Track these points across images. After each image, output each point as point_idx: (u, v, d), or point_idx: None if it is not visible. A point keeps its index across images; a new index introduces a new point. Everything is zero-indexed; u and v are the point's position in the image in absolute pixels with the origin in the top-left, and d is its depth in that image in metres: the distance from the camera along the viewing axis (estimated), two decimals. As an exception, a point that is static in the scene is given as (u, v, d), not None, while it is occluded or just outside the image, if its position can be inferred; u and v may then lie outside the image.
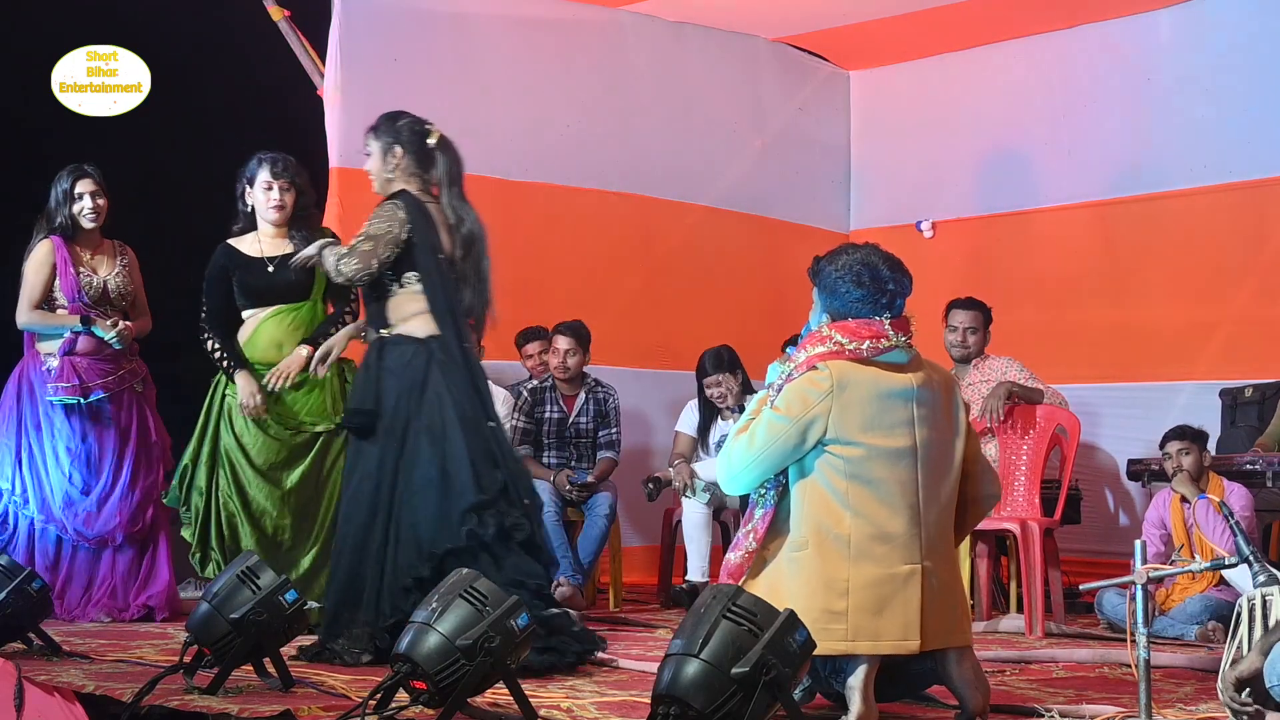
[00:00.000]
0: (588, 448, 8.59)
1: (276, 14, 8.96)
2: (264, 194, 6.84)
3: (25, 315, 7.31)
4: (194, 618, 5.01)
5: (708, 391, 8.53)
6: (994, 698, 4.62)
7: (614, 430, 8.62)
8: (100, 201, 7.33)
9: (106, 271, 7.41)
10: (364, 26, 9.13)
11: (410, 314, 5.80)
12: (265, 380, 6.71)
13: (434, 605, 4.30)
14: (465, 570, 4.47)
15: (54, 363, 7.26)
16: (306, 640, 5.78)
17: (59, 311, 7.31)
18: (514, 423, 8.51)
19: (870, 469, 4.43)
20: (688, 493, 8.34)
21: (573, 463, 8.53)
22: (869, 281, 4.56)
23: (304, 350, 6.71)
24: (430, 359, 5.71)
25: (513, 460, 5.77)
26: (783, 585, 4.40)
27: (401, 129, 5.99)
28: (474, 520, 5.52)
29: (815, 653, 3.95)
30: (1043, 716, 4.59)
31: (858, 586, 4.37)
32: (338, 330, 6.72)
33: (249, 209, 6.91)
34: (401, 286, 5.82)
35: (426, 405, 5.65)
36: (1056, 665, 5.91)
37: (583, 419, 8.57)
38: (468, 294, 5.90)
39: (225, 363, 6.79)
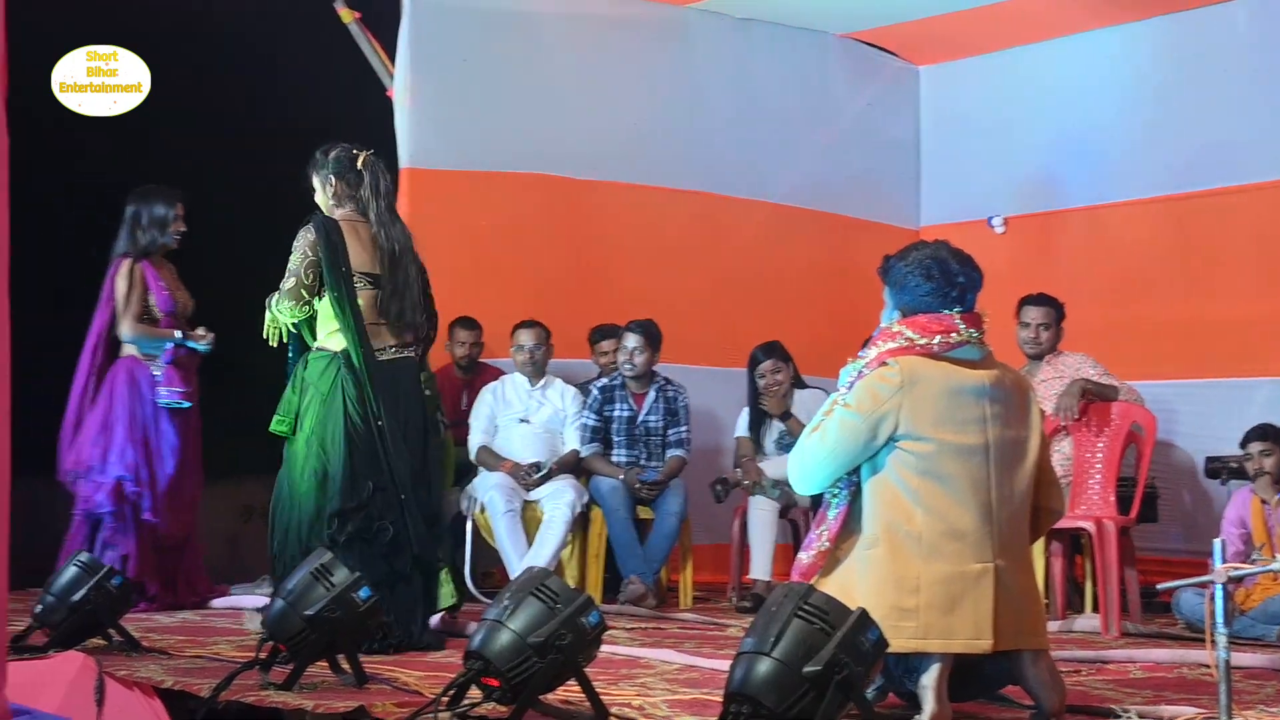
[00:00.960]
0: (657, 446, 8.59)
1: (347, 16, 9.03)
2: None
3: (131, 328, 7.70)
4: (270, 615, 5.05)
5: (760, 381, 8.53)
6: (1070, 698, 4.59)
7: (683, 428, 8.61)
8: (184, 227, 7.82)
9: (176, 288, 7.90)
10: (433, 27, 9.18)
11: (331, 328, 6.31)
12: None
13: (506, 603, 4.31)
14: (536, 568, 4.51)
15: (159, 370, 7.70)
16: None
17: (154, 324, 7.76)
18: (583, 421, 8.52)
19: (941, 465, 4.41)
20: (756, 491, 8.33)
21: (642, 461, 8.53)
22: (938, 275, 4.55)
23: None
24: (338, 372, 6.25)
25: (399, 457, 6.25)
26: (854, 583, 4.39)
27: (333, 159, 6.48)
28: (335, 526, 6.10)
29: (886, 650, 3.94)
30: (1120, 717, 4.55)
31: (929, 584, 4.35)
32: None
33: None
34: (320, 300, 6.33)
35: (328, 415, 6.23)
36: (1134, 665, 5.86)
37: (652, 417, 8.57)
38: (394, 305, 6.37)
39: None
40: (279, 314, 6.35)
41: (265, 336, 6.51)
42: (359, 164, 6.45)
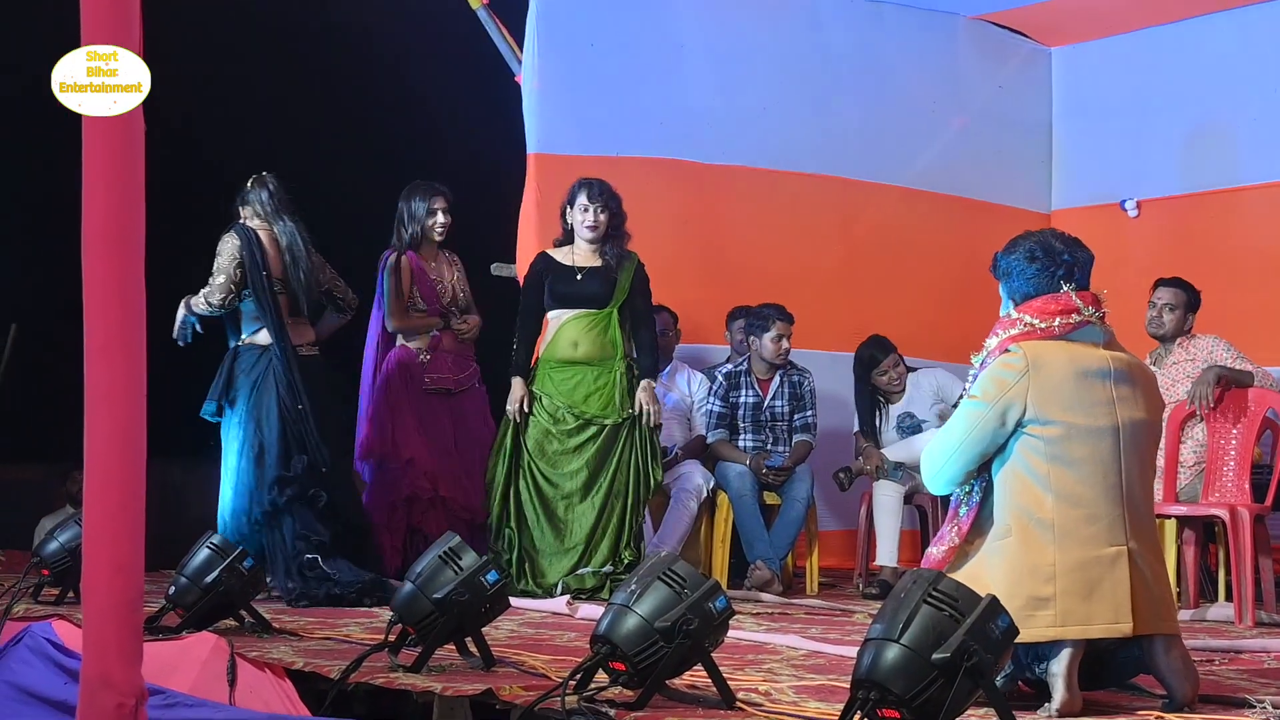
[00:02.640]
0: (784, 431, 8.56)
1: (475, 2, 9.08)
2: (581, 214, 7.60)
3: (397, 320, 8.13)
4: (399, 597, 5.09)
5: (881, 378, 8.48)
6: (1203, 687, 4.52)
7: (809, 413, 8.58)
8: (448, 218, 8.14)
9: (450, 278, 8.23)
10: (561, 12, 9.21)
11: (256, 325, 7.34)
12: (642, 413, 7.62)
13: (633, 587, 4.32)
14: (664, 553, 4.52)
15: (426, 358, 8.12)
16: None
17: (419, 314, 8.15)
18: (709, 407, 8.51)
19: (1071, 449, 4.37)
20: (880, 475, 8.29)
21: (769, 446, 8.51)
22: (1041, 255, 4.54)
23: (650, 384, 7.66)
24: (269, 364, 7.29)
25: (318, 439, 7.28)
26: (985, 573, 4.35)
27: (242, 195, 7.46)
28: (275, 490, 7.17)
29: (1023, 640, 3.91)
30: (1254, 707, 4.48)
31: (1064, 570, 4.31)
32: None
33: (569, 226, 7.68)
34: (242, 300, 7.32)
35: (262, 398, 7.26)
36: (1268, 655, 5.75)
37: (778, 402, 8.55)
38: (304, 301, 7.43)
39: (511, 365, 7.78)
40: (204, 310, 7.31)
41: (174, 336, 7.38)
42: (250, 184, 7.45)
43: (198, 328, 7.42)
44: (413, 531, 7.93)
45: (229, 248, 7.27)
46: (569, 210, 7.68)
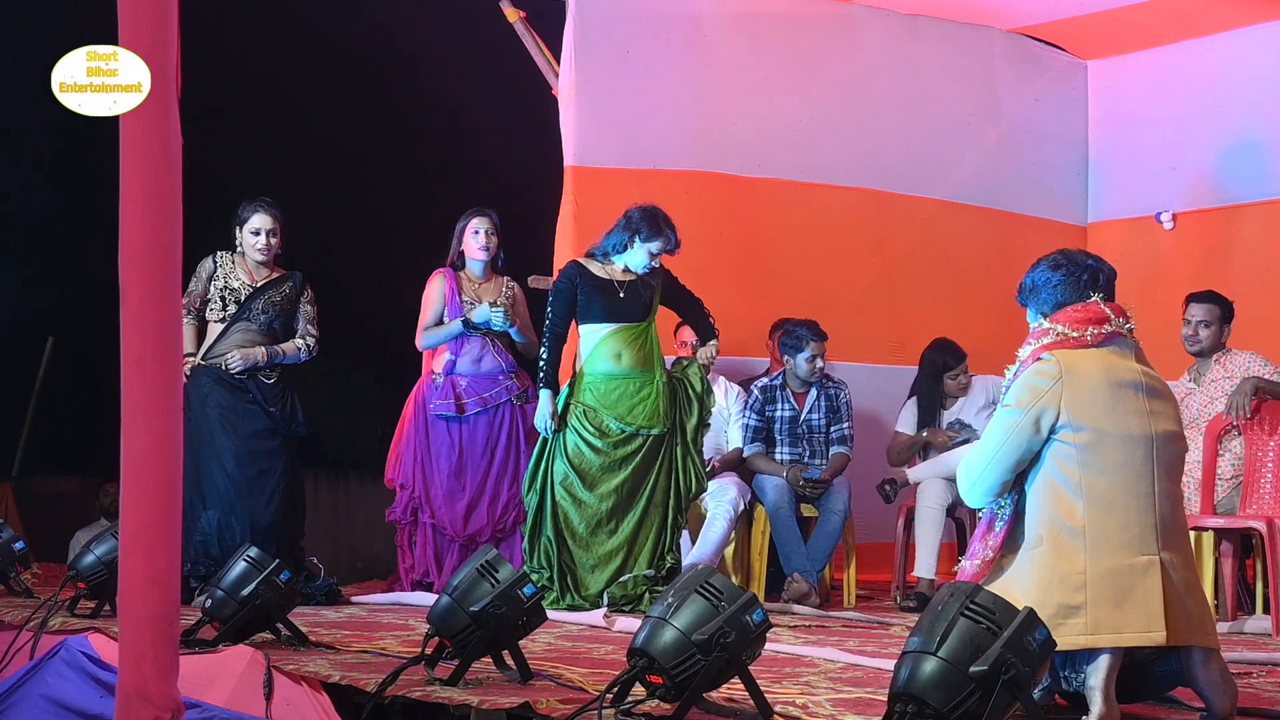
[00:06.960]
0: (820, 443, 8.55)
1: (512, 15, 9.10)
2: (647, 256, 7.51)
3: (420, 338, 8.24)
4: (435, 610, 5.09)
5: (953, 381, 8.46)
6: (1241, 700, 4.50)
7: (846, 425, 8.56)
8: (494, 240, 8.16)
9: (490, 299, 8.14)
10: (598, 25, 9.22)
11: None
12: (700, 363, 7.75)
13: (670, 600, 4.32)
14: (701, 567, 4.52)
15: (440, 380, 8.17)
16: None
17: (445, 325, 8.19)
18: (745, 421, 8.50)
19: (1103, 457, 4.37)
20: (949, 446, 8.23)
21: (805, 458, 8.49)
22: (1065, 262, 4.62)
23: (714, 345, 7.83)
24: None
25: None
26: (1017, 584, 4.35)
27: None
28: None
29: (1054, 650, 3.89)
30: (1294, 721, 4.46)
31: (1095, 579, 4.30)
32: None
33: (622, 250, 7.55)
34: None
35: None
36: (1307, 668, 5.72)
37: (814, 415, 8.53)
38: None
39: (540, 377, 7.61)
40: (299, 361, 7.89)
41: (238, 366, 7.61)
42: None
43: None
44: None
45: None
46: (634, 242, 7.50)
